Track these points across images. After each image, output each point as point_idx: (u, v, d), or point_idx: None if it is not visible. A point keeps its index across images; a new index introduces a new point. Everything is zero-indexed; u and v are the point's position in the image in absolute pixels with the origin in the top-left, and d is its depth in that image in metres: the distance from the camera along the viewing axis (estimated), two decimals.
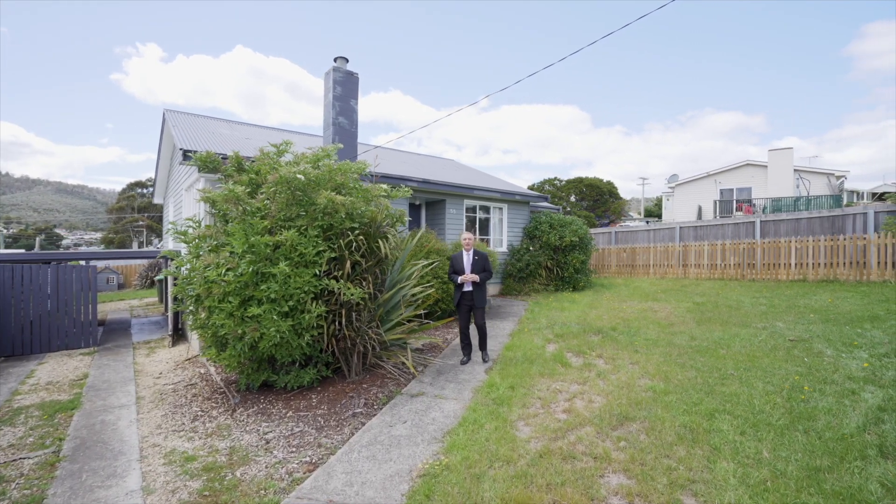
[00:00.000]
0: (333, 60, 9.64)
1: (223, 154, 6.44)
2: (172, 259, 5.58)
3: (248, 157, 6.31)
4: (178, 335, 9.37)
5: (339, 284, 5.05)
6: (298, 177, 5.03)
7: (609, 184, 40.38)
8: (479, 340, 6.15)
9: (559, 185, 40.66)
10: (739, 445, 3.46)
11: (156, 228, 50.98)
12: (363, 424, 4.38)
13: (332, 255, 5.19)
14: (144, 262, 22.62)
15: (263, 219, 5.05)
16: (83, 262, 12.81)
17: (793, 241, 11.96)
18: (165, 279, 10.84)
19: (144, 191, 57.00)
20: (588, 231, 13.16)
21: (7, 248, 40.98)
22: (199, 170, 6.19)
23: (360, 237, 5.41)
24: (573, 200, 40.16)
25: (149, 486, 3.45)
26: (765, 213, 20.86)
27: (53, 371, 7.03)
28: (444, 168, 15.39)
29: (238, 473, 3.56)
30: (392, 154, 15.34)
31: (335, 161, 5.91)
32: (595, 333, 7.28)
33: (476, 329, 6.09)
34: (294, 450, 3.95)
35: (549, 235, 12.50)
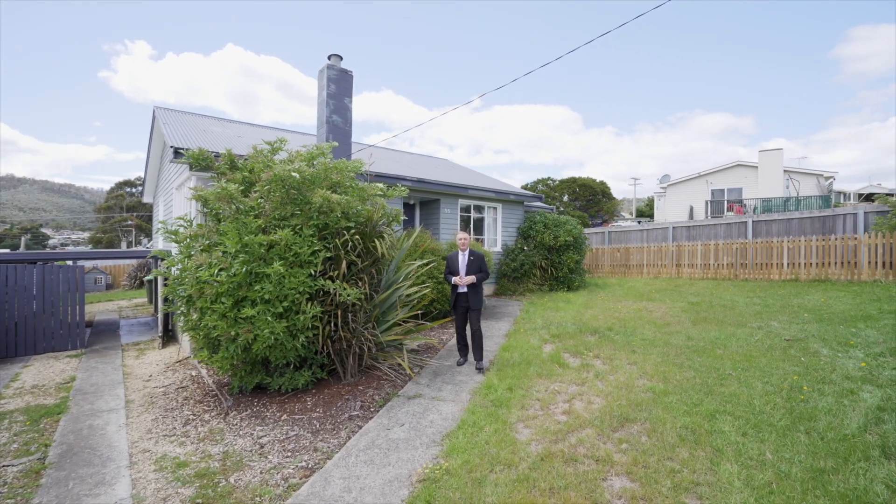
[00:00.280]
0: (327, 58, 9.53)
1: (215, 152, 6.31)
2: (163, 259, 5.45)
3: (241, 156, 6.18)
4: (169, 336, 9.19)
5: (335, 285, 4.95)
6: (293, 175, 4.92)
7: (602, 184, 40.59)
8: (473, 346, 5.79)
9: (552, 185, 40.78)
10: (742, 447, 3.43)
11: (145, 228, 50.28)
12: (360, 428, 4.30)
13: (328, 255, 5.09)
14: (133, 262, 22.27)
15: (257, 218, 4.94)
16: (70, 262, 12.54)
17: (785, 241, 12.07)
18: (155, 280, 10.64)
19: (133, 190, 56.21)
20: (582, 231, 13.16)
21: None
22: (191, 168, 6.06)
23: (356, 237, 5.32)
24: (566, 200, 40.31)
25: (139, 494, 3.34)
26: (756, 214, 21.07)
27: (39, 374, 6.84)
28: (439, 167, 15.32)
29: (232, 480, 3.46)
30: (386, 153, 15.23)
31: (330, 159, 5.82)
32: (591, 334, 7.25)
33: (471, 332, 5.77)
34: (289, 454, 3.85)
35: (544, 235, 12.48)
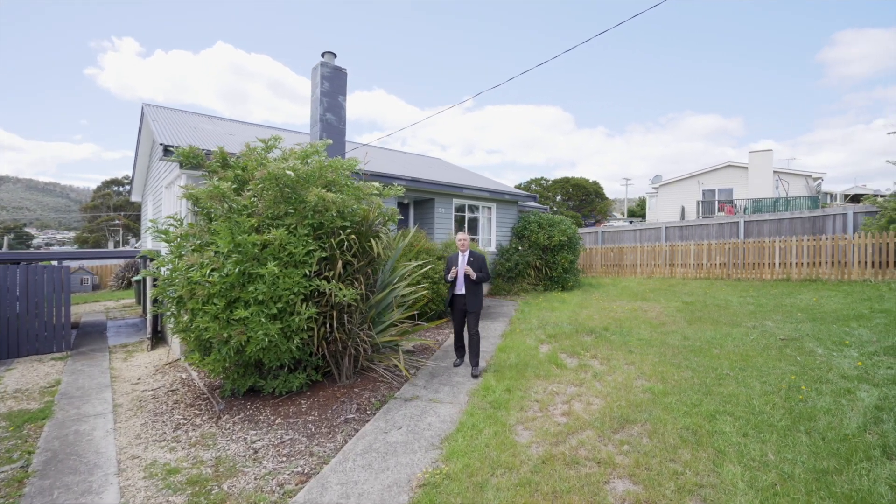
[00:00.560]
0: (321, 55, 9.40)
1: (206, 150, 6.17)
2: (152, 259, 5.31)
3: (233, 154, 6.05)
4: (158, 338, 9.00)
5: (331, 285, 4.86)
6: (288, 173, 4.82)
7: (595, 184, 40.80)
8: (469, 351, 5.63)
9: (546, 185, 40.90)
10: (744, 448, 3.41)
11: (133, 228, 49.48)
12: (356, 431, 4.21)
13: (323, 255, 4.99)
14: (121, 263, 21.86)
15: (250, 217, 4.83)
16: (55, 263, 12.25)
17: (777, 241, 12.18)
18: (144, 280, 10.42)
19: (121, 189, 55.29)
20: (576, 231, 13.18)
21: None
22: (181, 165, 5.91)
23: (352, 236, 5.22)
24: (559, 200, 40.45)
25: (128, 503, 3.22)
26: (746, 214, 21.28)
27: (22, 377, 6.64)
28: (433, 167, 15.25)
29: (225, 486, 3.35)
30: (380, 152, 15.12)
31: (325, 158, 5.71)
32: (588, 334, 7.23)
33: (468, 335, 5.60)
34: (284, 459, 3.75)
35: (538, 235, 12.47)
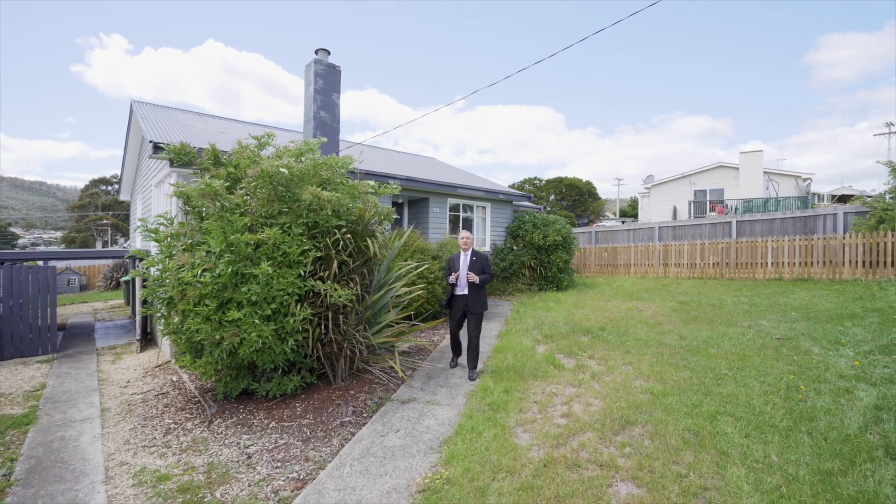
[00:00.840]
0: (315, 52, 9.27)
1: (198, 147, 6.03)
2: (141, 259, 5.16)
3: (225, 151, 5.91)
4: (148, 340, 8.81)
5: (326, 286, 4.75)
6: (282, 171, 4.71)
7: (588, 184, 40.98)
8: (468, 353, 5.46)
9: (539, 185, 40.99)
10: (747, 449, 3.38)
11: (121, 227, 48.73)
12: (353, 434, 4.12)
13: (318, 255, 4.88)
14: (109, 263, 21.48)
15: (243, 215, 4.71)
16: (41, 263, 11.97)
17: (769, 241, 12.27)
18: (133, 280, 10.20)
19: (109, 188, 54.46)
20: (571, 230, 13.17)
21: None
22: (172, 163, 5.77)
23: (348, 235, 5.12)
24: (553, 200, 40.56)
25: None
26: (737, 214, 21.47)
27: (6, 381, 6.44)
28: (427, 166, 15.16)
29: (218, 494, 3.25)
30: (374, 151, 15.00)
31: (319, 156, 5.60)
32: (584, 334, 7.20)
33: (467, 337, 5.44)
34: (279, 465, 3.65)
35: (533, 235, 12.43)
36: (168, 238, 4.80)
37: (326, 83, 9.12)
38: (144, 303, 7.81)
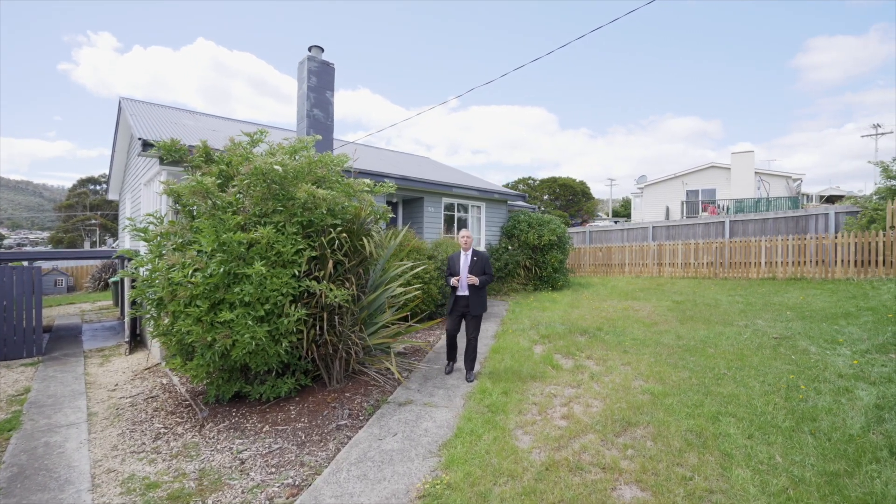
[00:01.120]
0: (308, 49, 9.13)
1: (189, 145, 5.89)
2: (130, 259, 5.02)
3: (217, 150, 5.78)
4: (137, 341, 8.62)
5: (321, 286, 4.65)
6: (276, 168, 4.59)
7: (582, 184, 41.12)
8: (465, 355, 5.36)
9: (534, 185, 41.07)
10: (751, 450, 3.33)
11: (110, 227, 47.99)
12: (349, 438, 4.02)
13: (313, 255, 4.78)
14: (98, 263, 21.11)
15: (236, 214, 4.59)
16: (25, 263, 11.69)
17: (762, 241, 12.34)
18: (122, 281, 10.00)
19: (97, 187, 53.63)
20: (566, 230, 13.16)
21: None
22: (162, 161, 5.63)
23: (343, 234, 5.02)
24: (547, 199, 40.65)
25: None
26: (729, 214, 21.63)
27: None
28: (421, 165, 15.07)
29: (210, 502, 3.13)
30: (368, 150, 14.87)
31: (314, 153, 5.50)
32: (581, 334, 7.16)
33: (466, 338, 5.36)
34: (273, 470, 3.54)
35: (528, 234, 12.39)
36: (158, 237, 4.67)
37: (320, 81, 8.99)
38: (133, 304, 7.64)
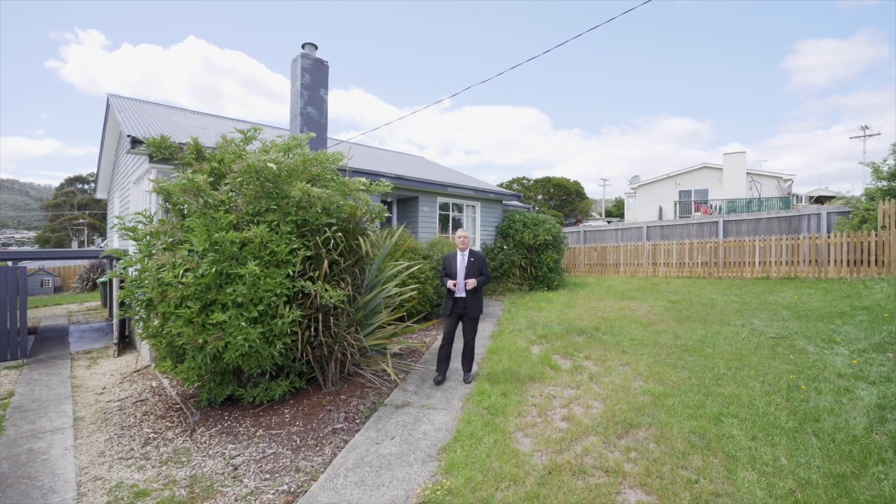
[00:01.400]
0: (301, 47, 9.01)
1: (179, 142, 5.74)
2: (118, 259, 4.87)
3: (208, 147, 5.64)
4: (125, 343, 8.43)
5: (316, 286, 4.54)
6: (270, 165, 4.48)
7: (576, 184, 41.24)
8: (462, 357, 5.30)
9: (528, 185, 41.11)
10: (755, 452, 3.29)
11: (98, 227, 47.28)
12: (346, 442, 3.92)
13: (308, 254, 4.67)
14: (85, 263, 20.74)
15: (228, 212, 4.47)
16: (10, 263, 11.42)
17: (756, 241, 12.40)
18: (110, 281, 9.79)
19: (85, 186, 52.85)
20: (561, 230, 13.13)
21: None
22: (152, 158, 5.49)
23: (339, 234, 4.92)
24: (541, 199, 40.71)
25: None
26: (722, 214, 21.77)
27: None
28: (416, 165, 14.97)
29: None
30: (363, 149, 14.74)
31: (308, 151, 5.38)
32: (578, 334, 7.11)
33: (463, 339, 5.25)
34: (268, 476, 3.44)
35: (523, 234, 12.35)
36: (147, 236, 4.53)
37: (314, 78, 8.87)
38: (122, 305, 7.47)
